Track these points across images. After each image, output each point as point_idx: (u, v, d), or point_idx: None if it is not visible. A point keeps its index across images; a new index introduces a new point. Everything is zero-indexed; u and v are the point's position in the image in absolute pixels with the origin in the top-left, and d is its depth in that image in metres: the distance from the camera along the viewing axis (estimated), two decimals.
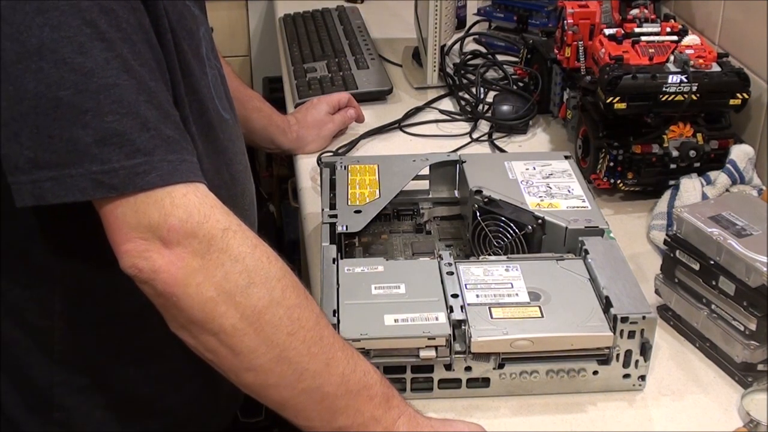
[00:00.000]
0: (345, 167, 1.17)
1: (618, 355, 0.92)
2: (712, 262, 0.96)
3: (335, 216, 1.06)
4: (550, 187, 1.10)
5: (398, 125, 1.50)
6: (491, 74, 1.66)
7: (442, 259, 0.99)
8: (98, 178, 0.73)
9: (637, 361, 0.92)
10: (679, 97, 1.19)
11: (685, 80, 1.19)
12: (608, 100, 1.20)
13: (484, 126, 1.49)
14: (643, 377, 0.94)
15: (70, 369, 0.91)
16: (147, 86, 0.75)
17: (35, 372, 0.91)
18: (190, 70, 0.86)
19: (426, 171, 1.18)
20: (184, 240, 0.75)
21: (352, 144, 1.44)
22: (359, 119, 1.48)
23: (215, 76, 0.94)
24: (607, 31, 1.30)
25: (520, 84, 1.59)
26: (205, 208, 0.77)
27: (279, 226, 2.24)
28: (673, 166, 1.24)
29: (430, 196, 1.20)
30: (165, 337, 0.80)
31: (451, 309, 0.91)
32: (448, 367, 0.91)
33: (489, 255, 1.05)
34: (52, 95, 0.72)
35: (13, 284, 0.88)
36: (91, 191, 0.74)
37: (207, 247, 0.76)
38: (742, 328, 0.94)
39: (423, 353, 0.89)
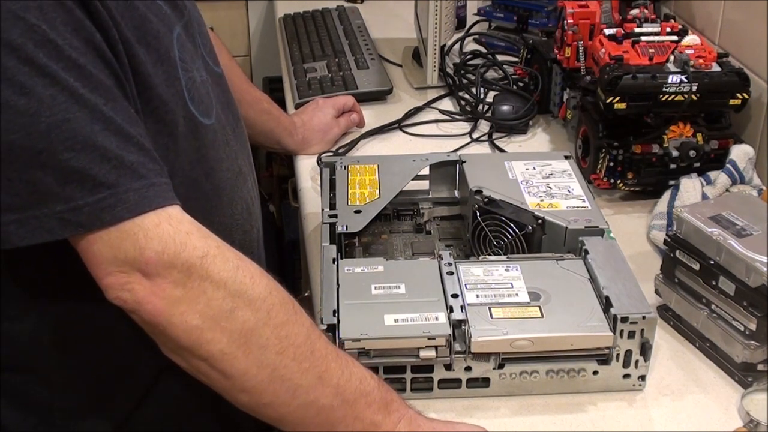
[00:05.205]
0: (345, 167, 1.16)
1: (618, 355, 0.92)
2: (712, 262, 0.96)
3: (335, 216, 1.06)
4: (550, 187, 1.10)
5: (398, 125, 1.50)
6: (491, 74, 1.66)
7: (442, 259, 0.99)
8: (64, 216, 0.72)
9: (637, 361, 0.92)
10: (679, 97, 1.19)
11: (685, 80, 1.18)
12: (608, 100, 1.20)
13: (484, 126, 1.49)
14: (643, 377, 0.94)
15: (68, 395, 0.90)
16: (101, 113, 0.72)
17: (34, 397, 0.89)
18: (149, 80, 0.81)
19: (426, 171, 1.18)
20: (164, 271, 0.74)
21: (352, 144, 1.44)
22: (360, 124, 1.48)
23: (191, 80, 0.87)
24: (607, 31, 1.30)
25: (520, 84, 1.59)
26: (181, 236, 0.75)
27: (279, 226, 2.23)
28: (673, 166, 1.24)
29: (430, 196, 1.20)
30: (163, 362, 0.79)
31: (451, 309, 0.91)
32: (448, 367, 0.91)
33: (489, 255, 1.04)
34: (3, 140, 0.69)
35: (0, 317, 0.86)
36: (58, 231, 0.72)
37: (187, 276, 0.75)
38: (742, 328, 0.94)
39: (423, 353, 0.89)
